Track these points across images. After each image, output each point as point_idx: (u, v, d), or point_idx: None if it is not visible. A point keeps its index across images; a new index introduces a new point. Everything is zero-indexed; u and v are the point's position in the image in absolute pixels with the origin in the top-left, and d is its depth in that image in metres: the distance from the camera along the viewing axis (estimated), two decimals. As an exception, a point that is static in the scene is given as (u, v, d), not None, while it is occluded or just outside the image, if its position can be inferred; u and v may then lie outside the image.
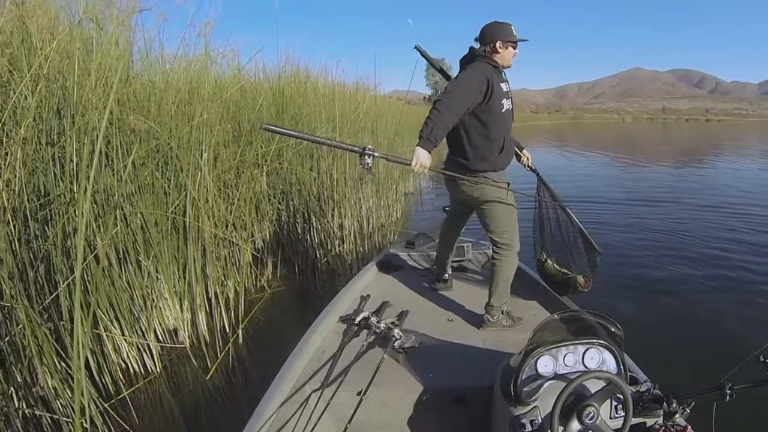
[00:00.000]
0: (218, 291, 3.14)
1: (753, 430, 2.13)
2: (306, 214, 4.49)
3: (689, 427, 1.26)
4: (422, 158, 1.85)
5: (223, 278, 3.24)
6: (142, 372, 2.62)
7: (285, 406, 1.68)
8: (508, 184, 2.14)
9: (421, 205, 7.62)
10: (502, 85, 2.06)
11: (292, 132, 1.98)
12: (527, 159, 2.58)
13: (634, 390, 1.32)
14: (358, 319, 2.18)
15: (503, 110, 2.06)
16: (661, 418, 1.30)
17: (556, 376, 1.35)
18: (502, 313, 2.21)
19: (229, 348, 2.88)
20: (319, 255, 4.52)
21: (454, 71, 2.27)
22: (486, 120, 2.04)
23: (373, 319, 2.13)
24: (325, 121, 4.82)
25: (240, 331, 3.03)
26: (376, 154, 1.80)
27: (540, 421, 1.28)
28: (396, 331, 2.01)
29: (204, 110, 3.06)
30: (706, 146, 25.24)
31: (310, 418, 1.55)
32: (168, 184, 2.86)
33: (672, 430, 1.27)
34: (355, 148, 1.82)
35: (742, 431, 2.03)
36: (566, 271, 2.38)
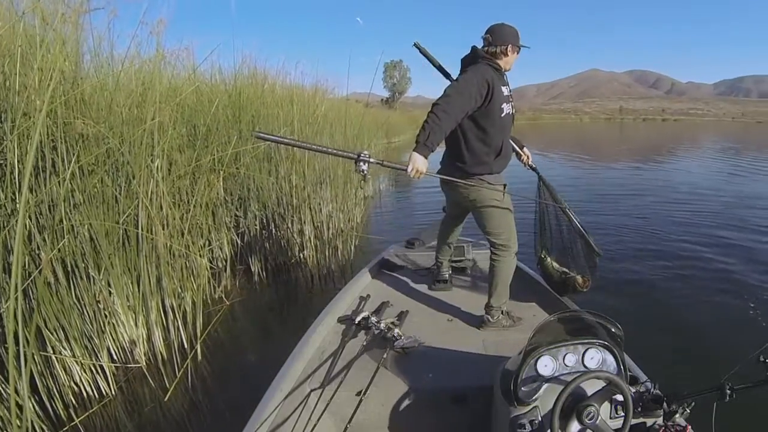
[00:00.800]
0: (175, 304, 2.98)
1: (753, 430, 2.12)
2: (265, 221, 4.37)
3: (689, 427, 1.26)
4: (418, 164, 1.82)
5: (179, 290, 3.07)
6: (96, 395, 2.43)
7: (285, 405, 1.66)
8: (505, 186, 2.11)
9: (381, 208, 7.64)
10: (503, 88, 2.02)
11: (285, 139, 1.91)
12: (527, 158, 2.54)
13: (634, 390, 1.32)
14: (358, 319, 2.17)
15: (503, 114, 2.02)
16: (661, 418, 1.29)
17: (556, 377, 1.34)
18: (502, 313, 2.20)
19: (187, 365, 2.73)
20: (279, 262, 4.41)
21: (413, 74, 2.27)
22: (485, 124, 2.00)
23: (373, 319, 2.13)
24: (283, 124, 4.71)
25: (198, 347, 2.88)
26: (371, 160, 1.78)
27: (540, 421, 1.27)
28: (396, 331, 2.01)
29: (157, 113, 2.89)
30: (667, 144, 26.33)
31: (310, 418, 1.54)
32: (119, 191, 2.67)
33: (672, 430, 1.26)
34: (351, 155, 1.80)
35: (742, 431, 2.01)
36: (565, 270, 2.40)
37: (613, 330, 1.40)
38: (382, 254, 3.21)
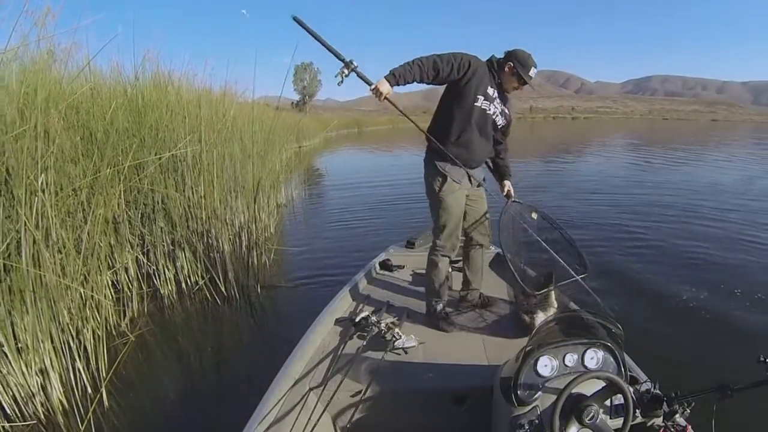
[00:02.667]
0: (73, 342, 2.55)
1: (753, 430, 2.11)
2: (173, 237, 3.95)
3: (689, 427, 1.27)
4: (383, 85, 2.00)
5: (79, 324, 2.64)
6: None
7: (285, 405, 1.65)
8: (446, 177, 2.19)
9: (295, 217, 7.37)
10: (490, 90, 2.15)
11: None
12: (508, 191, 2.50)
13: (634, 390, 1.32)
14: (358, 319, 2.16)
15: (476, 103, 2.13)
16: (661, 418, 1.30)
17: (556, 377, 1.34)
18: (437, 311, 2.31)
19: (92, 414, 2.33)
20: (191, 282, 4.02)
21: (323, 77, 2.26)
22: (452, 105, 2.15)
23: (373, 319, 2.12)
24: (190, 130, 4.32)
25: (104, 390, 2.50)
26: (357, 70, 2.00)
27: (540, 421, 1.27)
28: (396, 331, 2.01)
29: (39, 117, 2.44)
30: (576, 141, 27.56)
31: (309, 418, 1.53)
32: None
33: (672, 430, 1.27)
34: (344, 58, 2.00)
35: (742, 431, 2.02)
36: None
37: (613, 330, 1.41)
38: (381, 254, 3.22)
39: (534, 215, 2.36)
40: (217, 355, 3.17)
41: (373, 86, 2.02)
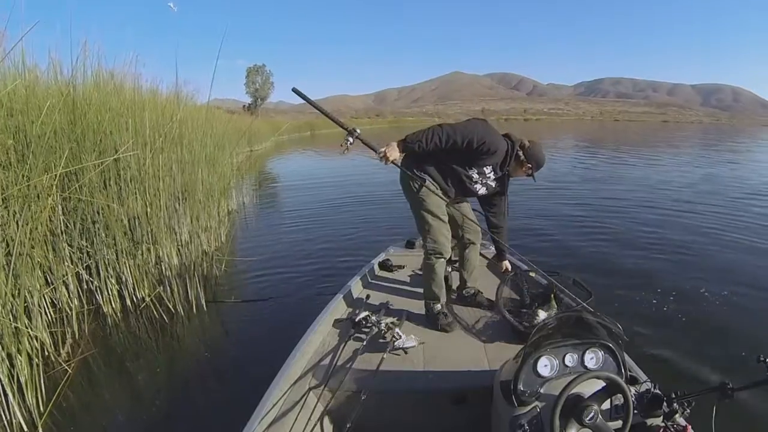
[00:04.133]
0: (4, 375, 2.24)
1: (753, 430, 2.08)
2: (116, 250, 3.61)
3: (689, 427, 1.26)
4: (392, 150, 2.05)
5: (12, 354, 2.32)
6: None
7: (285, 405, 1.64)
8: (425, 181, 2.19)
9: (247, 224, 7.05)
10: (491, 173, 2.22)
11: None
12: (506, 269, 2.71)
13: (634, 390, 1.32)
14: (358, 319, 2.15)
15: (471, 180, 2.22)
16: (661, 418, 1.30)
17: (556, 377, 1.34)
18: (437, 311, 2.33)
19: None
20: (137, 298, 3.69)
21: (275, 79, 2.26)
22: (455, 159, 2.17)
23: (373, 319, 2.12)
24: (133, 134, 4.00)
25: (40, 428, 2.24)
26: (360, 137, 2.08)
27: (540, 421, 1.26)
28: (396, 331, 2.00)
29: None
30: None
31: (309, 418, 1.54)
32: None
33: (672, 430, 1.26)
34: (347, 127, 2.10)
35: (742, 431, 2.00)
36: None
37: (613, 330, 1.41)
38: (381, 254, 3.22)
39: (532, 274, 2.46)
40: (167, 377, 2.90)
41: (381, 152, 2.07)
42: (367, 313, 2.19)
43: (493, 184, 2.26)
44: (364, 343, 1.96)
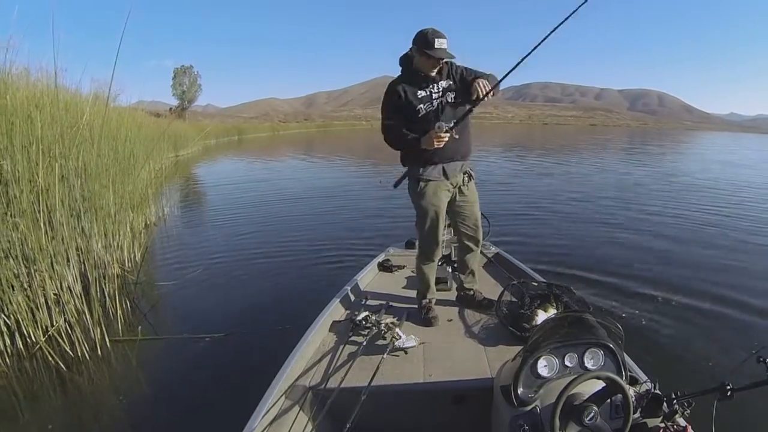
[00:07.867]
0: None
1: (753, 430, 2.11)
2: (5, 278, 2.91)
3: (689, 427, 1.26)
4: (426, 142, 2.09)
5: None
6: None
7: (285, 405, 1.65)
8: (422, 179, 2.22)
9: (168, 239, 6.22)
10: (419, 92, 2.14)
11: None
12: (476, 91, 2.53)
13: (634, 390, 1.32)
14: (358, 319, 2.15)
15: (419, 115, 2.15)
16: (661, 418, 1.29)
17: (556, 377, 1.34)
18: (425, 307, 2.39)
19: None
20: (34, 337, 3.00)
21: (203, 81, 1.97)
22: (408, 126, 2.18)
23: (373, 319, 2.13)
24: (23, 138, 3.35)
25: None
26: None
27: (540, 421, 1.26)
28: (396, 331, 2.01)
29: None
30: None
31: (309, 418, 1.56)
32: None
33: (672, 430, 1.26)
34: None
35: (742, 431, 2.03)
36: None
37: (613, 330, 1.42)
38: (381, 255, 3.24)
39: (534, 283, 2.44)
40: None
41: (426, 140, 2.10)
42: (366, 313, 2.20)
43: (429, 93, 2.17)
44: (364, 343, 1.97)
